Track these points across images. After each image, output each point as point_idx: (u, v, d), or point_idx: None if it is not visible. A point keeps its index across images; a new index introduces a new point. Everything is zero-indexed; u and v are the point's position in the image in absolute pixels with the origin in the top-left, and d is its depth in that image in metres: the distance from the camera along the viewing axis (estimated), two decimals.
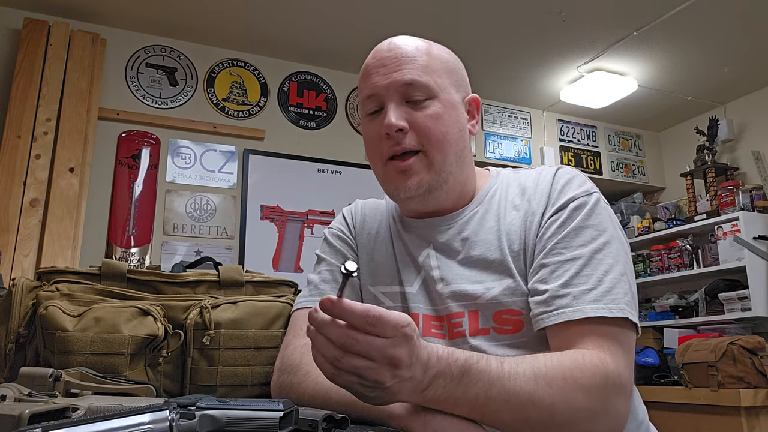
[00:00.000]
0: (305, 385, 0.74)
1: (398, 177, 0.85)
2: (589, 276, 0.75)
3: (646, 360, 2.98)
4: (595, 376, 0.67)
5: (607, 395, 0.68)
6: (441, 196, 0.87)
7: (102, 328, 0.82)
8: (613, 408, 0.69)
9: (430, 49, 0.87)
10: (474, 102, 0.92)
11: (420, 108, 0.83)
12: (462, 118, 0.88)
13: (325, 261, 0.96)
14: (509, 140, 3.97)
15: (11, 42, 2.81)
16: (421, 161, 0.84)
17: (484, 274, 0.83)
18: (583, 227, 0.79)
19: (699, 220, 3.57)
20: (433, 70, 0.85)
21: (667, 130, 4.46)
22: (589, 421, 0.67)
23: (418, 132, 0.83)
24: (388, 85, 0.83)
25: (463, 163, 0.88)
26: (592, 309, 0.72)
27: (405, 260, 0.91)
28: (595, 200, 0.81)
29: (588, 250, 0.77)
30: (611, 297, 0.73)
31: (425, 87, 0.83)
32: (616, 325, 0.73)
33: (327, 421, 0.56)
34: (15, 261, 2.43)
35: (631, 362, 0.74)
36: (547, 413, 0.64)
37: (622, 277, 0.75)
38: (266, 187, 3.20)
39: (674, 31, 3.16)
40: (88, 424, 0.42)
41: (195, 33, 3.16)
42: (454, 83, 0.88)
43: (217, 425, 0.49)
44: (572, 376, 0.66)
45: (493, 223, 0.86)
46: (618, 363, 0.70)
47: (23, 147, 2.59)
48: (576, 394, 0.65)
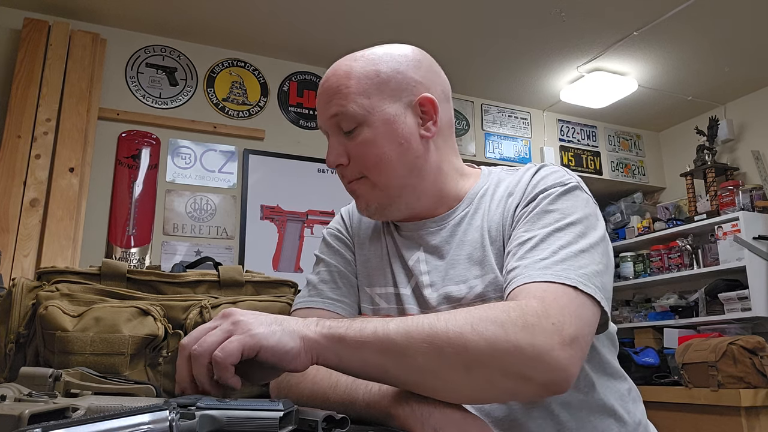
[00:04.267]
0: (304, 385, 0.74)
1: (354, 198, 0.91)
2: (544, 249, 0.72)
3: (646, 360, 2.98)
4: (510, 310, 0.63)
5: (528, 330, 0.61)
6: (403, 209, 0.88)
7: (102, 328, 0.82)
8: (540, 348, 0.60)
9: (359, 68, 0.84)
10: (426, 102, 0.85)
11: (352, 138, 0.85)
12: (405, 128, 0.84)
13: (324, 262, 0.96)
14: (509, 140, 3.97)
15: (11, 42, 2.81)
16: (366, 184, 0.87)
17: (469, 272, 0.83)
18: (548, 211, 0.77)
19: (699, 220, 3.57)
20: (358, 93, 0.83)
21: (667, 130, 4.46)
22: (510, 357, 0.60)
23: (355, 162, 0.86)
24: (323, 120, 0.87)
25: (421, 172, 0.86)
26: (539, 275, 0.69)
27: (398, 262, 0.91)
28: (566, 189, 0.79)
29: (548, 229, 0.75)
30: (562, 266, 0.69)
31: (351, 117, 0.83)
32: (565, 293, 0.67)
33: (327, 421, 0.56)
34: (15, 261, 2.43)
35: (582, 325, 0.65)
36: (459, 344, 0.60)
37: (581, 253, 0.71)
38: (266, 187, 3.20)
39: (674, 31, 3.16)
40: (88, 424, 0.42)
41: (195, 33, 3.16)
42: (390, 95, 0.84)
43: (217, 425, 0.49)
44: (485, 310, 0.63)
45: (479, 221, 0.86)
46: (548, 307, 0.64)
47: (23, 147, 2.60)
48: (487, 325, 0.61)
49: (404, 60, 0.86)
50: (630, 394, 0.87)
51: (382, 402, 0.64)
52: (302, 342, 0.62)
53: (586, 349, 0.65)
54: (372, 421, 0.65)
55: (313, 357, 0.63)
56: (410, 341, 0.61)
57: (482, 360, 0.60)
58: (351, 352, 0.62)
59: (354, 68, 0.85)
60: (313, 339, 0.63)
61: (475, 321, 0.61)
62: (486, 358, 0.60)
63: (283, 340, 0.61)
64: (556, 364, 0.61)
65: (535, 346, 0.60)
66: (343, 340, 0.63)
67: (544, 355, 0.60)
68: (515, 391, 0.63)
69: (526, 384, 0.61)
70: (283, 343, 0.61)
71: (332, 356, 0.63)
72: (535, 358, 0.60)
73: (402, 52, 0.87)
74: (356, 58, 0.86)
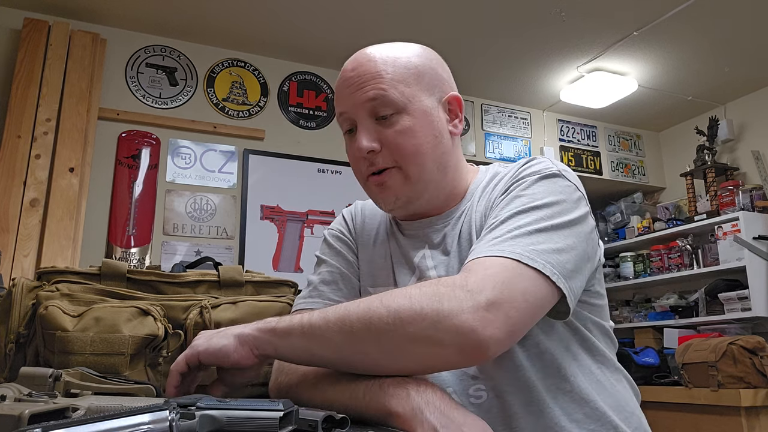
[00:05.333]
0: (303, 385, 0.74)
1: (377, 191, 0.87)
2: (501, 229, 0.72)
3: (646, 360, 2.98)
4: (428, 285, 0.65)
5: (435, 297, 0.62)
6: (423, 204, 0.88)
7: (102, 328, 0.82)
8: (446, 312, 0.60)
9: (395, 57, 0.84)
10: (455, 101, 0.88)
11: (389, 125, 0.83)
12: (438, 122, 0.85)
13: (325, 262, 0.96)
14: (509, 140, 3.97)
15: (11, 42, 2.81)
16: (398, 175, 0.84)
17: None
18: (517, 196, 0.77)
19: (699, 220, 3.57)
20: (398, 81, 0.82)
21: (667, 130, 4.46)
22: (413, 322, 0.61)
23: (390, 150, 0.83)
24: (354, 105, 0.84)
25: (446, 168, 0.87)
26: (486, 250, 0.69)
27: (400, 261, 0.91)
28: (542, 176, 0.78)
29: (511, 212, 0.74)
30: (511, 243, 0.68)
31: (391, 102, 0.82)
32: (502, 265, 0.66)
33: (327, 422, 0.56)
34: (15, 261, 2.43)
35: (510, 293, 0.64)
36: (365, 317, 0.64)
37: (537, 233, 0.70)
38: (266, 187, 3.20)
39: (674, 31, 3.16)
40: (88, 424, 0.42)
41: (195, 33, 3.16)
42: (426, 88, 0.85)
43: (217, 425, 0.49)
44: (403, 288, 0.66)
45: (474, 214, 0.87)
46: (469, 276, 0.64)
47: (23, 147, 2.60)
48: (395, 297, 0.64)
49: (435, 57, 0.89)
50: (629, 392, 0.87)
51: (383, 401, 0.64)
52: (236, 339, 0.71)
53: (512, 316, 0.63)
54: (372, 421, 0.65)
55: (252, 350, 0.71)
56: (327, 323, 0.66)
57: (386, 329, 0.63)
58: (281, 340, 0.69)
59: (393, 56, 0.85)
60: (248, 334, 0.71)
61: (386, 296, 0.65)
62: (389, 326, 0.63)
63: (213, 341, 0.72)
64: (462, 326, 0.60)
65: (439, 311, 0.61)
66: (274, 331, 0.70)
67: (451, 318, 0.61)
68: (431, 357, 0.63)
69: (438, 349, 0.62)
70: (213, 344, 0.71)
71: (268, 346, 0.70)
72: (439, 322, 0.61)
73: (429, 50, 0.90)
74: (391, 47, 0.86)
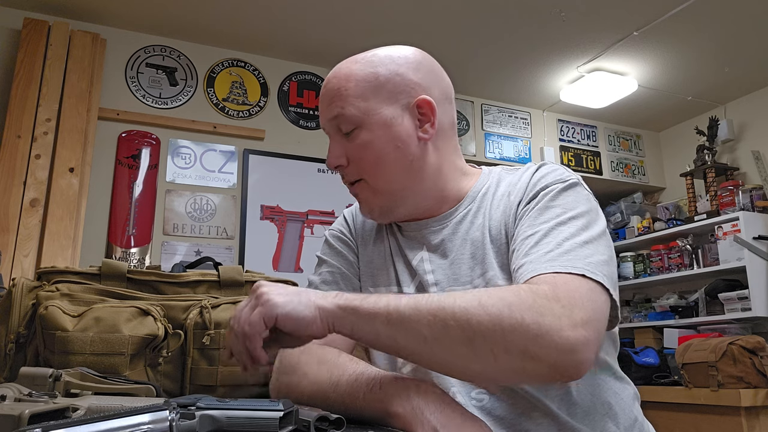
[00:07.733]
0: (303, 385, 0.74)
1: (357, 201, 0.92)
2: (548, 243, 0.73)
3: (646, 360, 2.98)
4: (521, 292, 0.63)
5: (535, 309, 0.61)
6: (409, 210, 0.89)
7: (102, 328, 0.83)
8: (548, 327, 0.60)
9: (356, 71, 0.85)
10: (425, 104, 0.85)
11: (351, 139, 0.86)
12: (402, 131, 0.84)
13: (326, 263, 0.97)
14: (509, 140, 3.97)
15: (11, 42, 2.81)
16: (366, 187, 0.88)
17: (473, 271, 0.84)
18: (549, 207, 0.78)
19: (699, 220, 3.57)
20: (356, 96, 0.84)
21: (667, 130, 4.46)
22: (513, 333, 0.60)
23: (355, 164, 0.87)
24: (325, 121, 0.88)
25: (420, 174, 0.87)
26: (546, 267, 0.69)
27: (401, 262, 0.92)
28: (567, 185, 0.80)
29: (551, 224, 0.75)
30: (568, 257, 0.69)
31: (349, 119, 0.84)
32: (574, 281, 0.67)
33: (321, 421, 0.56)
34: (15, 261, 2.43)
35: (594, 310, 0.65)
36: (463, 318, 0.61)
37: (585, 244, 0.72)
38: (266, 187, 3.20)
39: (674, 31, 3.16)
40: (88, 424, 0.42)
41: (195, 33, 3.16)
42: (387, 97, 0.84)
43: (217, 425, 0.49)
44: (496, 290, 0.65)
45: (481, 220, 0.87)
46: (558, 291, 0.64)
47: (23, 147, 2.60)
48: (494, 301, 0.62)
49: (404, 62, 0.87)
50: (629, 394, 0.87)
51: (383, 401, 0.64)
52: (318, 311, 0.66)
53: (600, 335, 0.64)
54: (372, 421, 0.65)
55: (329, 326, 0.67)
56: (418, 314, 0.63)
57: (485, 334, 0.61)
58: (364, 322, 0.66)
59: (354, 71, 0.86)
60: (328, 309, 0.67)
61: (483, 298, 0.63)
62: (488, 332, 0.61)
63: (298, 309, 0.66)
64: (564, 345, 0.60)
65: (541, 325, 0.60)
66: (356, 311, 0.66)
67: (551, 334, 0.60)
68: (522, 370, 0.62)
69: (533, 363, 0.61)
70: (297, 311, 0.66)
71: (346, 326, 0.67)
72: (541, 337, 0.60)
73: (402, 54, 0.88)
74: (357, 60, 0.88)
